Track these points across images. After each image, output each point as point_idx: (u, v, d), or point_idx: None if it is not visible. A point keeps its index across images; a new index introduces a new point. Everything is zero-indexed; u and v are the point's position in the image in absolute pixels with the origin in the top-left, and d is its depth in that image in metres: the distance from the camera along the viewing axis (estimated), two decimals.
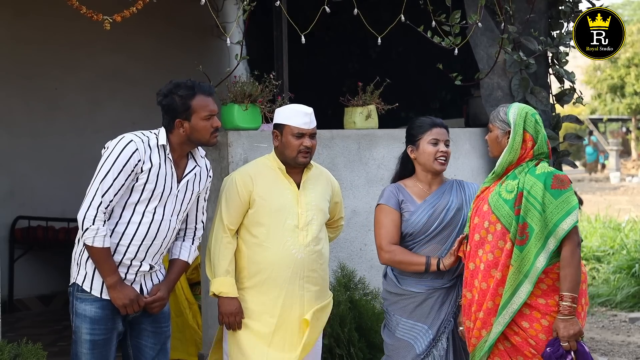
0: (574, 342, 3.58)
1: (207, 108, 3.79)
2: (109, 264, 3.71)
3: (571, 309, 3.58)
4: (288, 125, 4.08)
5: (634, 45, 31.58)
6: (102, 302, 3.75)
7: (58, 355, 6.32)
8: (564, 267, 3.61)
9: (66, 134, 8.50)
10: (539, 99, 6.04)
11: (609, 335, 7.76)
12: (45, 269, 8.51)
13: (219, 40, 9.17)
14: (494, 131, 3.83)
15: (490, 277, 3.70)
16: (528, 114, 3.76)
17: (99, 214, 3.65)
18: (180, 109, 3.78)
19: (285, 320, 4.06)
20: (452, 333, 4.07)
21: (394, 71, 6.64)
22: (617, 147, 32.25)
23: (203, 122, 3.79)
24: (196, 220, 4.02)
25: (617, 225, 11.82)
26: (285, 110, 4.16)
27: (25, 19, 8.32)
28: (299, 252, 4.06)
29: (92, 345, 3.73)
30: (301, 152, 4.07)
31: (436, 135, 4.11)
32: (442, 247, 4.06)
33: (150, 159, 3.74)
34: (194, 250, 4.03)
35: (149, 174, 3.73)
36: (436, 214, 4.06)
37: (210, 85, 3.91)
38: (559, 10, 6.32)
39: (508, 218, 3.68)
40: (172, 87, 3.80)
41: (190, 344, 6.10)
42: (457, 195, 4.12)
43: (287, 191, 4.11)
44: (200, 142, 3.85)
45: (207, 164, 4.02)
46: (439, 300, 4.04)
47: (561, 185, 3.65)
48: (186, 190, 3.88)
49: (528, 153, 3.76)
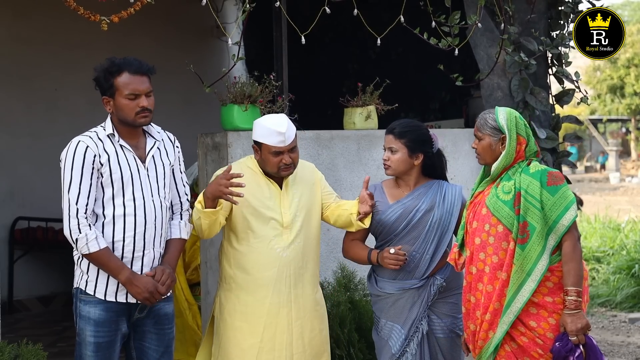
0: (582, 335, 3.60)
1: (129, 86, 3.70)
2: (114, 262, 3.69)
3: (577, 303, 3.60)
4: (265, 144, 4.05)
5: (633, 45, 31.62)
6: (106, 304, 3.73)
7: (58, 356, 6.33)
8: (567, 262, 3.63)
9: (66, 134, 8.38)
10: (538, 99, 6.03)
11: (608, 335, 7.76)
12: (45, 269, 8.51)
13: (218, 41, 9.18)
14: (485, 139, 3.84)
15: (496, 279, 3.71)
16: (517, 117, 3.81)
17: (80, 220, 3.63)
18: (105, 86, 3.73)
19: (272, 321, 4.05)
20: (428, 335, 4.10)
21: (393, 72, 6.64)
22: (616, 147, 32.27)
23: (126, 101, 3.71)
24: (179, 195, 3.96)
25: (617, 226, 11.83)
26: (260, 129, 4.08)
27: (24, 19, 8.32)
28: (284, 251, 4.07)
29: (96, 347, 3.71)
30: (281, 168, 4.07)
31: (385, 143, 4.21)
32: (411, 247, 4.12)
33: (105, 150, 3.71)
34: (185, 225, 3.97)
35: (109, 164, 3.69)
36: (404, 214, 4.13)
37: (146, 64, 3.78)
38: (558, 10, 6.31)
39: (509, 219, 3.69)
40: (103, 64, 3.75)
41: (190, 344, 6.10)
42: (431, 197, 4.15)
43: (270, 190, 4.11)
44: (127, 121, 3.75)
45: (169, 137, 3.97)
46: (409, 301, 4.11)
47: (556, 181, 3.70)
48: (156, 167, 3.83)
49: (521, 155, 3.80)
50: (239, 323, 4.07)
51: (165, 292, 3.80)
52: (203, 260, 5.39)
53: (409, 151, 4.13)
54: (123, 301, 3.75)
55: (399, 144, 4.14)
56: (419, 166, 4.18)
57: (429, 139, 4.20)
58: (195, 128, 6.45)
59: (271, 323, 4.05)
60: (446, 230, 4.13)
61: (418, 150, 4.15)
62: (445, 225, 4.12)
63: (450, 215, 4.14)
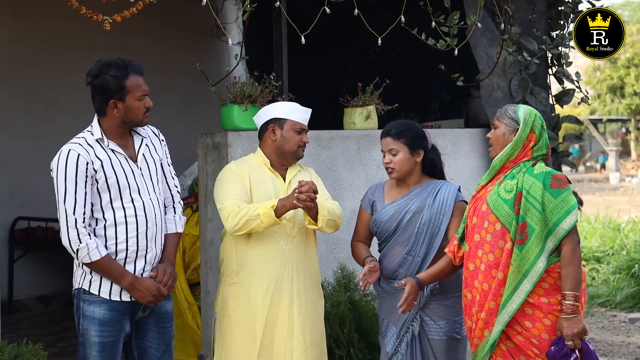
0: (578, 340, 3.59)
1: (140, 88, 3.73)
2: (115, 269, 3.69)
3: (574, 307, 3.59)
4: (290, 120, 4.13)
5: (633, 45, 31.62)
6: (111, 303, 3.71)
7: (58, 356, 6.33)
8: (566, 266, 3.62)
9: (66, 134, 8.36)
10: (538, 99, 6.04)
11: (608, 335, 7.75)
12: (44, 269, 8.51)
13: (218, 41, 9.18)
14: (500, 128, 3.83)
15: (492, 277, 3.71)
16: (537, 115, 3.81)
17: (80, 230, 3.62)
18: (114, 89, 3.70)
19: (273, 314, 4.06)
20: (420, 337, 4.10)
21: (393, 72, 6.64)
22: (616, 147, 32.28)
23: (137, 103, 3.72)
24: (169, 188, 3.96)
25: (617, 226, 11.83)
26: (283, 106, 4.20)
27: (24, 19, 8.32)
28: (287, 243, 4.09)
29: (101, 347, 3.69)
30: (301, 147, 4.17)
31: (383, 147, 4.20)
32: (404, 249, 4.13)
33: (97, 156, 3.69)
34: (179, 219, 3.96)
35: (103, 170, 3.68)
36: (395, 215, 4.14)
37: (140, 65, 3.80)
38: (558, 10, 6.31)
39: (508, 218, 3.69)
40: (102, 66, 3.72)
41: (190, 344, 6.10)
42: (422, 198, 4.14)
43: (274, 183, 4.15)
44: (134, 122, 3.77)
45: (153, 131, 3.97)
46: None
47: (560, 184, 3.68)
48: (148, 165, 3.83)
49: (527, 152, 3.77)
50: (242, 317, 4.08)
51: (167, 293, 3.81)
52: (203, 260, 5.40)
53: (410, 149, 4.14)
54: (128, 300, 3.74)
55: (398, 144, 4.14)
56: (420, 164, 4.18)
57: (424, 135, 4.22)
58: (195, 128, 6.45)
59: (272, 316, 4.06)
60: (437, 232, 4.10)
61: (418, 147, 4.17)
62: (435, 227, 4.10)
63: (441, 216, 4.11)
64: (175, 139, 8.77)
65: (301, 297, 4.11)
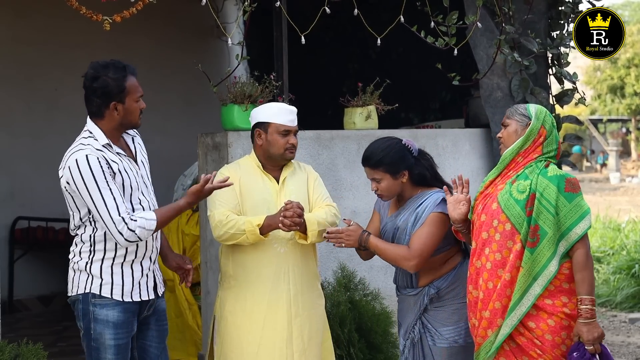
0: (598, 345, 3.57)
1: (138, 89, 3.71)
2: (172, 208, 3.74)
3: (592, 312, 3.57)
4: (273, 123, 4.10)
5: (634, 45, 31.62)
6: (124, 305, 3.68)
7: (58, 355, 6.33)
8: (580, 271, 3.61)
9: (66, 134, 8.38)
10: (538, 99, 6.03)
11: (608, 335, 7.75)
12: (45, 269, 8.51)
13: (218, 41, 9.17)
14: (512, 125, 3.81)
15: (497, 277, 3.70)
16: (547, 112, 3.81)
17: (129, 225, 3.57)
18: (115, 91, 3.65)
19: (272, 317, 4.05)
20: (422, 343, 4.09)
21: (393, 72, 6.64)
22: (616, 147, 32.27)
23: (135, 104, 3.70)
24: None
25: (617, 226, 11.84)
26: (269, 109, 4.16)
27: (25, 19, 8.32)
28: (282, 246, 4.08)
29: (117, 350, 3.65)
30: (288, 149, 4.12)
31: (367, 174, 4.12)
32: None
33: (111, 159, 3.65)
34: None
35: (120, 172, 3.66)
36: (389, 229, 4.13)
37: (133, 66, 3.77)
38: (558, 10, 6.32)
39: (519, 219, 3.67)
40: (99, 68, 3.67)
41: (190, 344, 6.11)
42: (408, 214, 4.08)
43: (267, 186, 4.13)
44: (131, 124, 3.74)
45: None
46: (407, 306, 4.15)
47: (573, 189, 3.67)
48: (144, 164, 3.85)
49: (537, 148, 3.76)
50: (239, 321, 4.07)
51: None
52: (203, 260, 5.40)
53: (392, 175, 4.02)
54: (137, 300, 3.72)
55: (379, 173, 4.03)
56: (408, 181, 4.09)
57: (405, 153, 4.07)
58: (195, 128, 6.45)
59: (271, 319, 4.05)
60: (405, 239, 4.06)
61: (400, 169, 4.04)
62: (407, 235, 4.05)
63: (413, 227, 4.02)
64: (175, 139, 8.87)
65: (299, 298, 4.10)
